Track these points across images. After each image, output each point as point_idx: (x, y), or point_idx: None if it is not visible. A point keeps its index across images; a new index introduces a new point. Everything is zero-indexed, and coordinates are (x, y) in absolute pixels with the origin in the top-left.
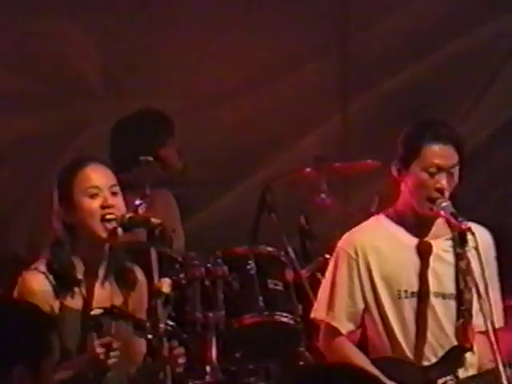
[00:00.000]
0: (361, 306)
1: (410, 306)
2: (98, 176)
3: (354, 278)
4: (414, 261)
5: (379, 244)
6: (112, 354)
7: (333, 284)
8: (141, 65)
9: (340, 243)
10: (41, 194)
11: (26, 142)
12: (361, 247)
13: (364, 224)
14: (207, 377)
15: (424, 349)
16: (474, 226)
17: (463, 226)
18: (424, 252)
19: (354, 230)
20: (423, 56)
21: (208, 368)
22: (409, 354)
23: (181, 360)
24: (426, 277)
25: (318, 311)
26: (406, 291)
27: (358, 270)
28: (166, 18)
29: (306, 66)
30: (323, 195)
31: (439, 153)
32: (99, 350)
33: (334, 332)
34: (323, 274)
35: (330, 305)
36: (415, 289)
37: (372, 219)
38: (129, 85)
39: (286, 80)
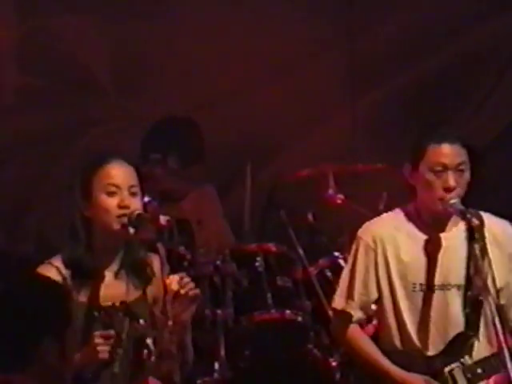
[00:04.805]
0: (374, 295)
1: (423, 299)
2: (119, 174)
3: (370, 268)
4: (428, 255)
5: (397, 235)
6: (111, 346)
7: (351, 273)
8: (150, 64)
9: (359, 233)
10: (48, 191)
11: (34, 140)
12: (379, 237)
13: (383, 216)
14: (216, 374)
15: (436, 341)
16: (492, 219)
17: (472, 224)
18: (433, 246)
19: (373, 220)
20: (431, 54)
21: (216, 365)
22: (418, 345)
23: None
24: (435, 270)
25: (338, 300)
26: (421, 284)
27: (376, 259)
28: (175, 18)
29: (313, 65)
30: (331, 192)
31: (444, 152)
32: (98, 340)
33: (348, 319)
34: (332, 271)
35: (350, 294)
36: (430, 282)
37: (391, 212)
38: (138, 83)
39: (293, 79)
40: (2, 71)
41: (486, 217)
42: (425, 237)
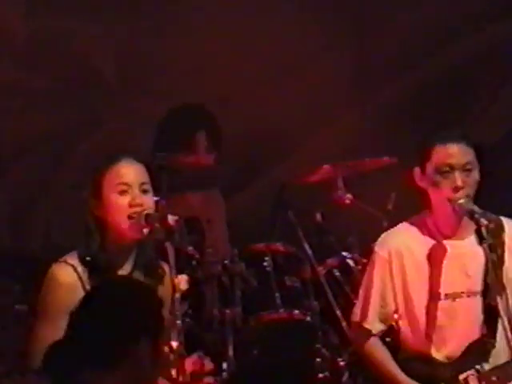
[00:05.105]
0: (392, 307)
1: (442, 308)
2: (129, 173)
3: (387, 280)
4: (445, 263)
5: (414, 245)
6: None
7: (368, 286)
8: (156, 64)
9: (375, 246)
10: (55, 191)
11: (41, 140)
12: (395, 249)
13: (398, 226)
14: (224, 373)
15: (455, 349)
16: (508, 221)
17: (481, 224)
18: (451, 254)
19: (389, 231)
20: (440, 53)
21: (225, 364)
22: (435, 353)
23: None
24: (453, 278)
25: (356, 313)
26: (439, 293)
27: (391, 272)
28: (182, 18)
29: (323, 64)
30: (340, 192)
31: (449, 152)
32: None
33: (367, 333)
34: (340, 271)
35: (365, 307)
36: (448, 291)
37: (405, 223)
38: (144, 83)
39: (302, 77)
40: (10, 72)
41: (506, 221)
42: (442, 245)
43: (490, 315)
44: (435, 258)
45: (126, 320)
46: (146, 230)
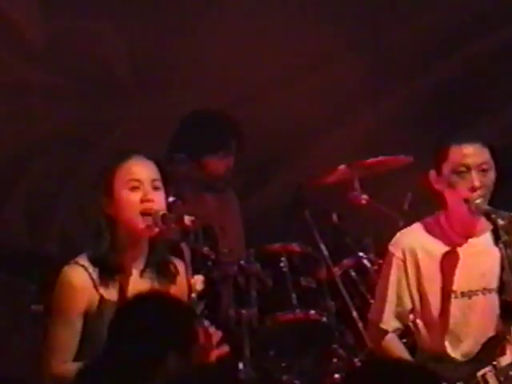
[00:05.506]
0: (408, 306)
1: (457, 306)
2: (140, 169)
3: (402, 279)
4: (461, 262)
5: (428, 244)
6: None
7: (384, 286)
8: (172, 63)
9: (389, 246)
10: (72, 191)
11: (57, 140)
12: (409, 248)
13: (413, 226)
14: (240, 374)
15: (472, 346)
16: None
17: (497, 224)
18: (465, 253)
19: (403, 231)
20: (455, 53)
21: (241, 365)
22: (452, 351)
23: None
24: (469, 276)
25: (372, 311)
26: (454, 291)
27: (406, 271)
28: (198, 15)
29: (338, 63)
30: (356, 192)
31: (465, 152)
32: None
33: (383, 333)
34: (356, 272)
35: (381, 307)
36: (463, 289)
37: (417, 223)
38: (160, 83)
39: (316, 77)
40: (26, 72)
41: None
42: (456, 243)
43: (506, 311)
44: (450, 257)
45: (156, 336)
46: (157, 229)
